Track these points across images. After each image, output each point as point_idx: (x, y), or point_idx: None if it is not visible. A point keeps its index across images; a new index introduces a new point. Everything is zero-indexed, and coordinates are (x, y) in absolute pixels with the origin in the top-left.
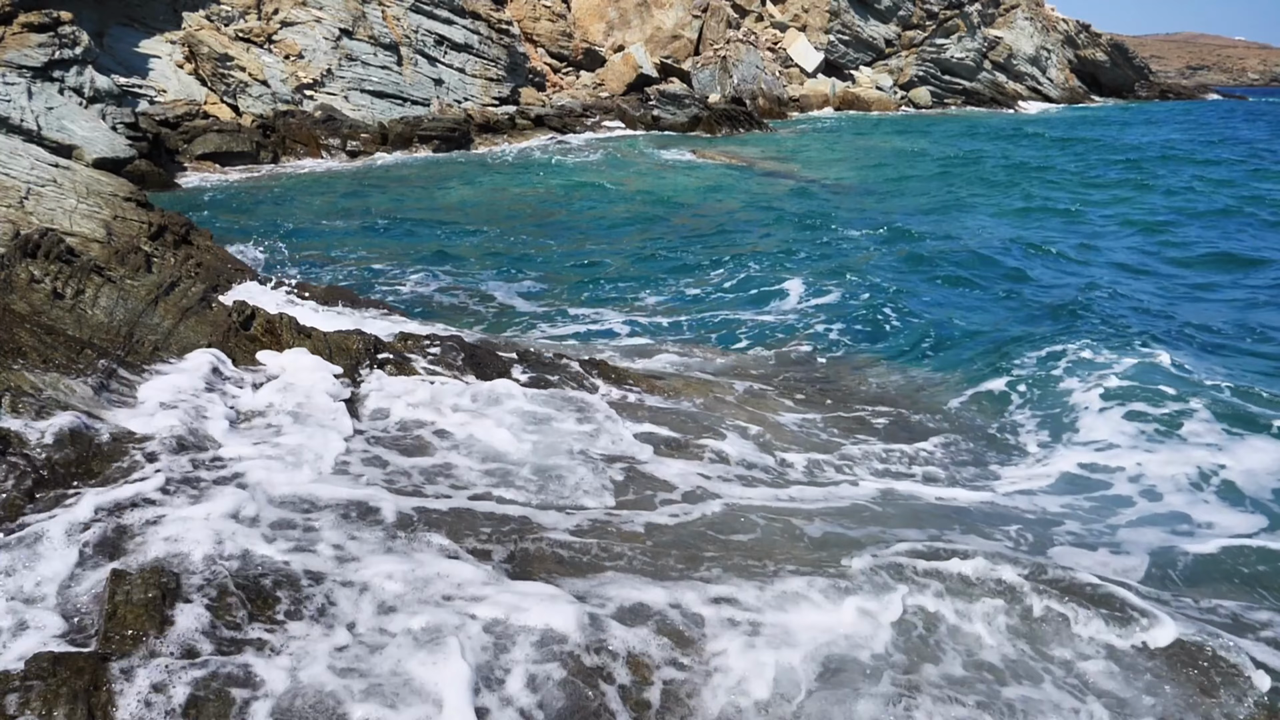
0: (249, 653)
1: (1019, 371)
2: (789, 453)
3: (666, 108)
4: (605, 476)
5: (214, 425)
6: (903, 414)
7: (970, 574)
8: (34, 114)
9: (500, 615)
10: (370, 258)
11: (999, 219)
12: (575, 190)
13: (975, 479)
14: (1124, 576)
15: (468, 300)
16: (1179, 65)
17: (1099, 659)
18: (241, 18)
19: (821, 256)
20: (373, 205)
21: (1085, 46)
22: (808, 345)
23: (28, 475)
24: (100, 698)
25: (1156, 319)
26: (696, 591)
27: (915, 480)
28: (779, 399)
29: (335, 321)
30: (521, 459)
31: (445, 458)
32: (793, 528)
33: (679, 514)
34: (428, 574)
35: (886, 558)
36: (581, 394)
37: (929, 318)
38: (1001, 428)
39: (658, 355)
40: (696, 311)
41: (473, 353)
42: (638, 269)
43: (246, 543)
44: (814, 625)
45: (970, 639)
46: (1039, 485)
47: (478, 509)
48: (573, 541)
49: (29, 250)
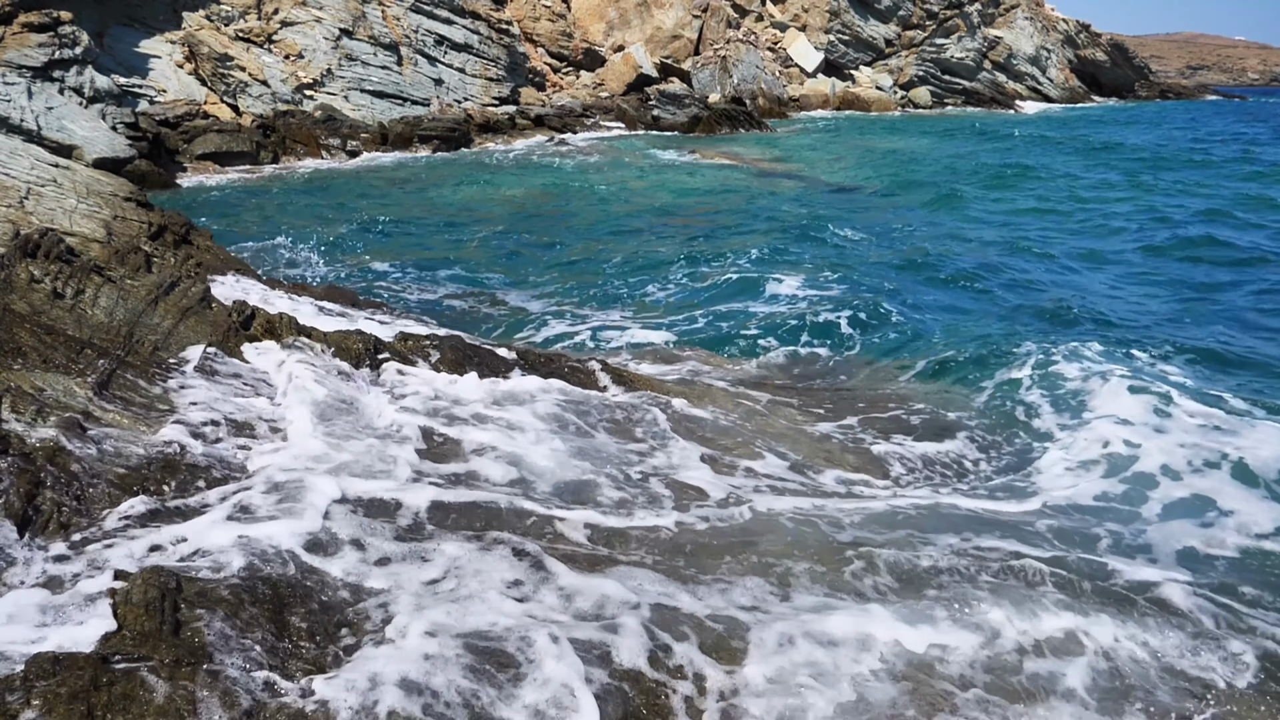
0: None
1: (1029, 372)
2: (806, 458)
3: (666, 108)
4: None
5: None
6: (916, 414)
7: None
8: (34, 114)
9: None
10: (370, 258)
11: (999, 219)
12: (575, 190)
13: (1002, 486)
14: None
15: (468, 300)
16: (1179, 65)
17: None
18: (241, 18)
19: (822, 257)
20: (372, 205)
21: (1085, 46)
22: (812, 345)
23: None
24: (100, 698)
25: (1164, 319)
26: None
27: (937, 486)
28: (787, 401)
29: (335, 321)
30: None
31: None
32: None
33: (700, 519)
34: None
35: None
36: (585, 393)
37: (933, 318)
38: (1018, 430)
39: (658, 355)
40: (697, 312)
41: (473, 353)
42: (637, 269)
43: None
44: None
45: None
46: (1069, 491)
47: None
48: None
49: (29, 250)
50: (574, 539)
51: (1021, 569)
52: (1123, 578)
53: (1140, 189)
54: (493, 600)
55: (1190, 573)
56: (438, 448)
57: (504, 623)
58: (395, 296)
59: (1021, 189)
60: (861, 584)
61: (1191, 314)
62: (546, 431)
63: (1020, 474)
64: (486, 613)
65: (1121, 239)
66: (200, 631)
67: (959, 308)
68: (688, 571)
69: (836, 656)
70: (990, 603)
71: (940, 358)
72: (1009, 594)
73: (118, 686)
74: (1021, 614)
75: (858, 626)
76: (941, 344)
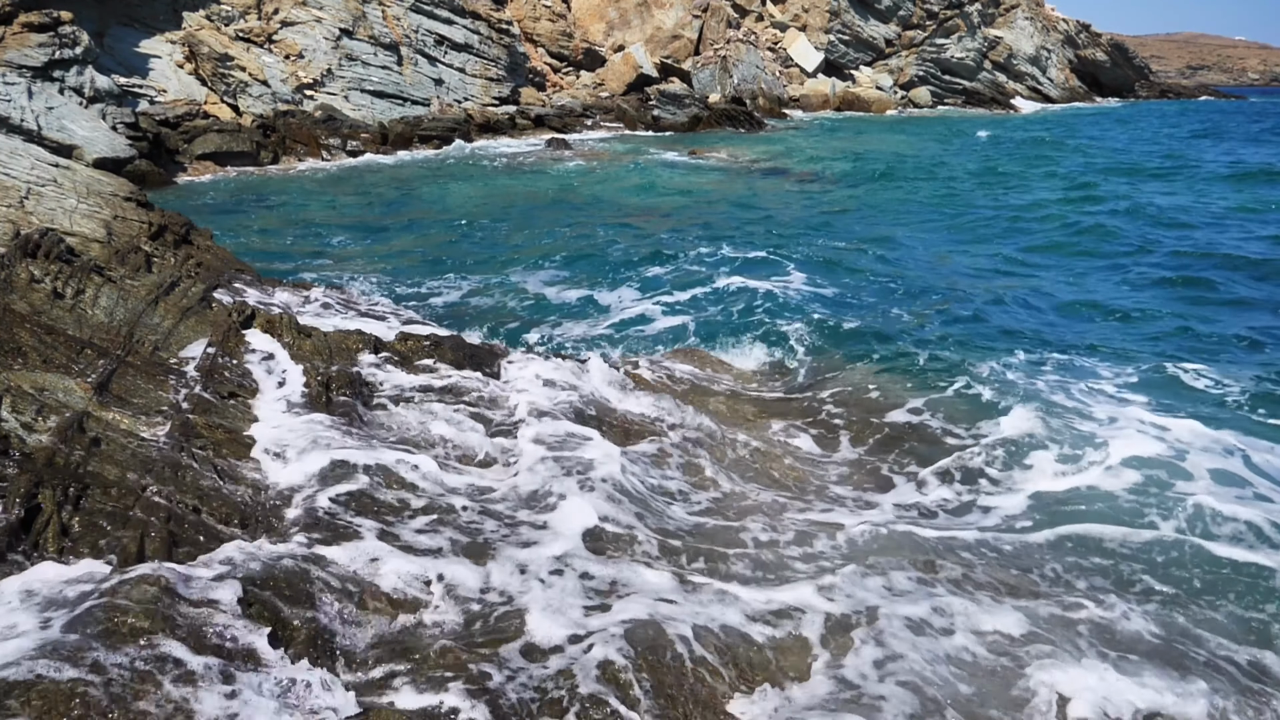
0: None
1: (1030, 376)
2: (801, 465)
3: (666, 108)
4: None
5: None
6: (923, 425)
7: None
8: (34, 114)
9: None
10: (370, 257)
11: (1000, 218)
12: (574, 190)
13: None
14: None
15: (468, 299)
16: (1179, 65)
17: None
18: (241, 18)
19: (823, 256)
20: (372, 205)
21: (1085, 46)
22: (814, 347)
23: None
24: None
25: (1177, 319)
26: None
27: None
28: (794, 405)
29: (335, 321)
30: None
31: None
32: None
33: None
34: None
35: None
36: (586, 390)
37: (936, 319)
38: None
39: (658, 357)
40: (697, 312)
41: (473, 353)
42: (637, 270)
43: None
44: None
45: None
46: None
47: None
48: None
49: (29, 250)
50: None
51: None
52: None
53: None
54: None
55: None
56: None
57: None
58: (395, 296)
59: (1020, 188)
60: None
61: (1195, 314)
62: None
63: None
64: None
65: (1127, 238)
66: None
67: (970, 308)
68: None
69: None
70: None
71: (950, 361)
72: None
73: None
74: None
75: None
76: (954, 346)
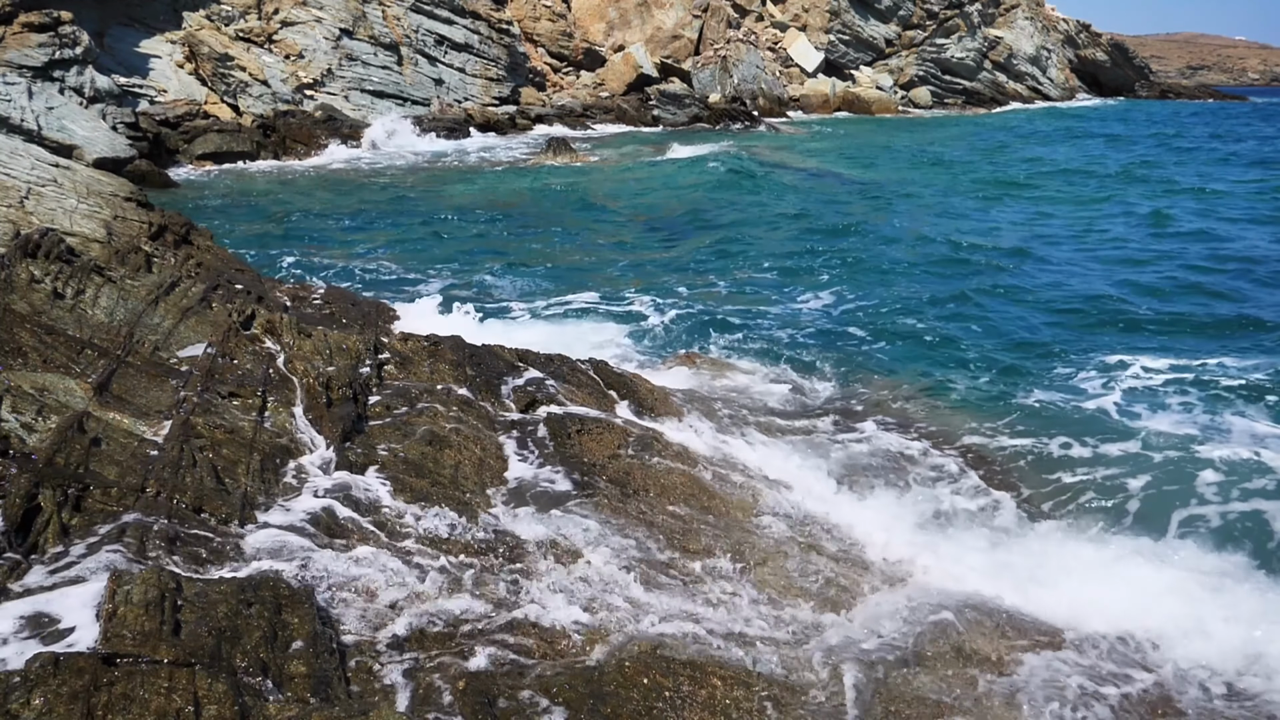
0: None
1: (1049, 383)
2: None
3: (667, 107)
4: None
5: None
6: (932, 433)
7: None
8: (34, 114)
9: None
10: (370, 257)
11: (1000, 218)
12: (574, 190)
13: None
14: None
15: (469, 299)
16: (1179, 65)
17: None
18: (242, 18)
19: (823, 256)
20: (372, 204)
21: (1085, 46)
22: (814, 349)
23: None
24: (100, 698)
25: (1191, 321)
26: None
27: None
28: (794, 411)
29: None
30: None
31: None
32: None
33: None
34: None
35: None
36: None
37: (941, 319)
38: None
39: (658, 357)
40: (697, 312)
41: (474, 353)
42: (637, 270)
43: None
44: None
45: None
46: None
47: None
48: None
49: (29, 250)
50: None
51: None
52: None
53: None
54: None
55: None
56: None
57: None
58: (395, 295)
59: (1022, 188)
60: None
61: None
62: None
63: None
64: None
65: (1132, 239)
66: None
67: (973, 309)
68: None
69: None
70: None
71: (957, 363)
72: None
73: (118, 686)
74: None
75: None
76: (963, 348)
